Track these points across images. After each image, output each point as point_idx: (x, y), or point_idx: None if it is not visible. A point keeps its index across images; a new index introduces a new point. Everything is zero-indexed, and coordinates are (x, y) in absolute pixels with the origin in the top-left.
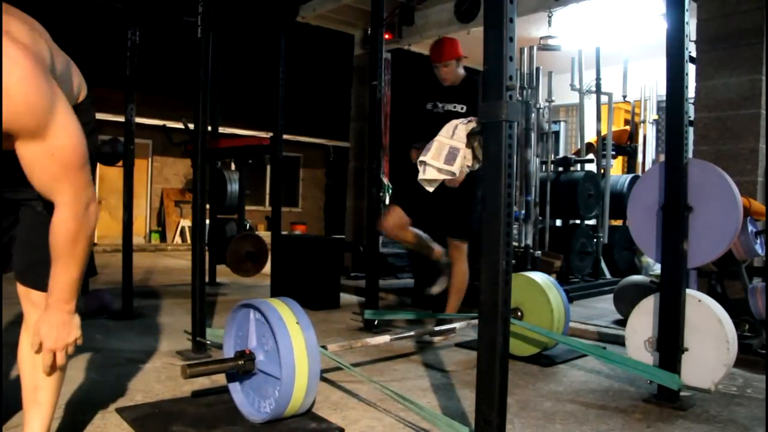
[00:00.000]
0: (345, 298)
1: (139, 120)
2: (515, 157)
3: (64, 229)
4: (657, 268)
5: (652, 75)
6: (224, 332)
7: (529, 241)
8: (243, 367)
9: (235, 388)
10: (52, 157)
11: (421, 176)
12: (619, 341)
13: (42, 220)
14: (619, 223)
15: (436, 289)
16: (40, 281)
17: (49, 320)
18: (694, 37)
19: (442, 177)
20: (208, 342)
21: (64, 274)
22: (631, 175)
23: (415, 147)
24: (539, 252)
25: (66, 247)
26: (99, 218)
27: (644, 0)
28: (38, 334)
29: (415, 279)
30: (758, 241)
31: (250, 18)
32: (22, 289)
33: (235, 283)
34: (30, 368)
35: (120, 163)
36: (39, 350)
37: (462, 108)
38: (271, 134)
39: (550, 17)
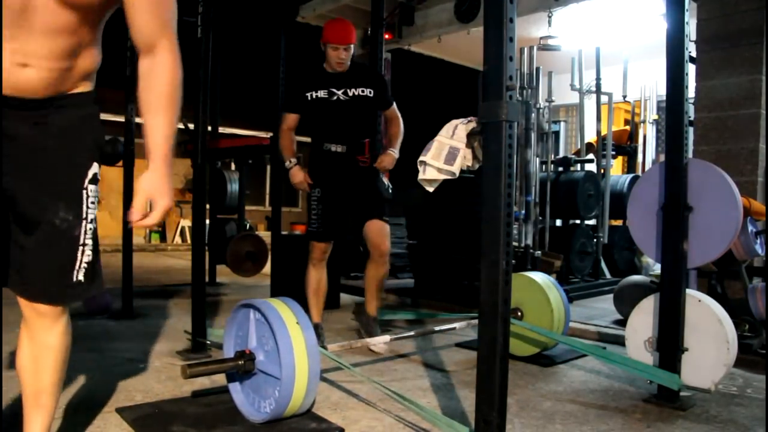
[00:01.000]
0: (345, 298)
1: (139, 120)
2: (515, 157)
3: (171, 74)
4: (657, 268)
5: (652, 75)
6: (224, 332)
7: (529, 241)
8: (243, 367)
9: (235, 388)
10: (164, 3)
11: (421, 176)
12: (619, 341)
13: (62, 235)
14: (619, 223)
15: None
16: (55, 294)
17: (156, 178)
18: (694, 37)
19: (442, 177)
20: (208, 342)
21: (167, 126)
22: (631, 175)
23: (293, 164)
24: (539, 252)
25: (171, 93)
26: (99, 218)
27: (644, 0)
28: (145, 192)
29: (415, 279)
30: (758, 241)
31: (250, 18)
32: (27, 302)
33: (235, 283)
34: (32, 374)
35: (120, 163)
36: (142, 215)
37: (370, 92)
38: (271, 134)
39: (550, 17)
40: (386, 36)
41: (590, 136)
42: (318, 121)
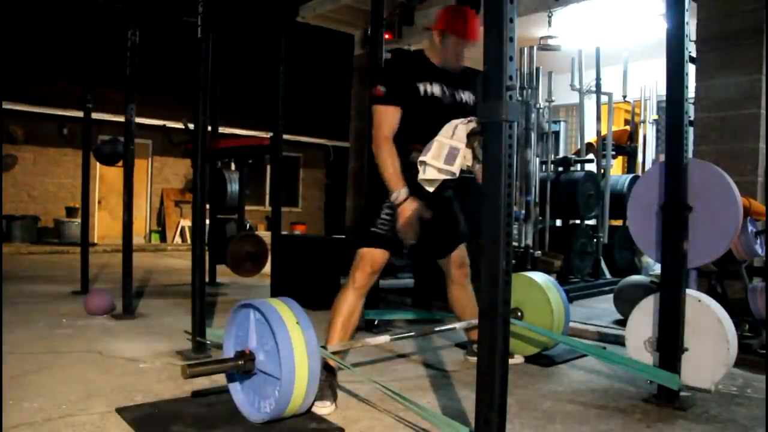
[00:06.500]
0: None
1: (139, 120)
2: (515, 157)
3: None
4: (657, 268)
5: (652, 75)
6: (224, 332)
7: (529, 241)
8: (243, 367)
9: (235, 388)
10: None
11: (421, 176)
12: (619, 341)
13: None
14: (619, 223)
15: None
16: None
17: None
18: (694, 37)
19: (442, 177)
20: (208, 342)
21: None
22: (631, 175)
23: (407, 194)
24: (539, 252)
25: None
26: (99, 218)
27: (644, 0)
28: None
29: (415, 279)
30: (758, 241)
31: (250, 18)
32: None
33: (235, 283)
34: None
35: (120, 163)
36: None
37: (472, 101)
38: (271, 134)
39: (550, 17)
40: (386, 36)
41: (590, 136)
42: (417, 124)
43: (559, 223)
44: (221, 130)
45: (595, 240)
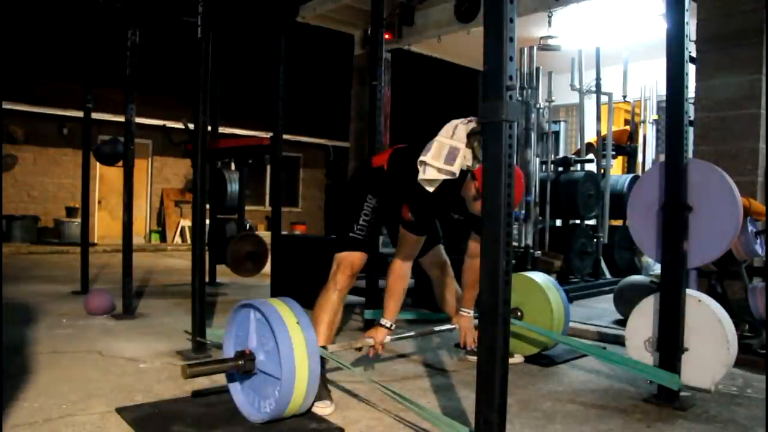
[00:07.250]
0: (348, 297)
1: (139, 120)
2: (515, 157)
3: None
4: (657, 268)
5: (652, 75)
6: (224, 332)
7: (529, 241)
8: (243, 367)
9: (235, 388)
10: None
11: (421, 176)
12: (619, 341)
13: None
14: (619, 223)
15: None
16: None
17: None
18: (694, 37)
19: (442, 177)
20: (208, 342)
21: None
22: (631, 175)
23: (388, 325)
24: (539, 252)
25: None
26: (99, 218)
27: (644, 0)
28: None
29: (415, 279)
30: (758, 241)
31: (250, 18)
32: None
33: (235, 283)
34: None
35: (120, 163)
36: None
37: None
38: (271, 134)
39: (550, 17)
40: (386, 36)
41: (590, 136)
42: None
43: (559, 223)
44: (221, 130)
45: (595, 240)
